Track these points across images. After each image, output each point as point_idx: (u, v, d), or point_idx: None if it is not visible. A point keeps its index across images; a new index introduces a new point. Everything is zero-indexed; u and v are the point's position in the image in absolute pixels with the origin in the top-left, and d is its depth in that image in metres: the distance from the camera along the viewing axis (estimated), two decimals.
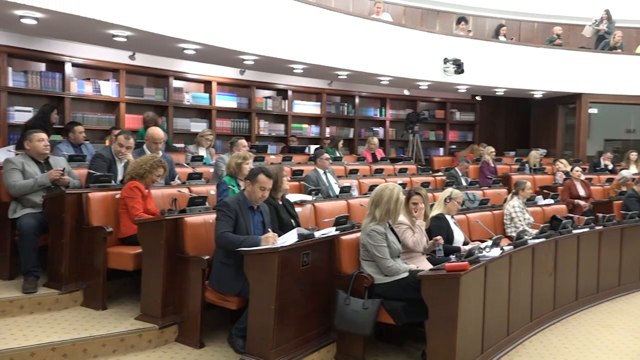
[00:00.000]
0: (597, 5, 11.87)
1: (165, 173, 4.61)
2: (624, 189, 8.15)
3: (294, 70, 8.60)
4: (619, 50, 11.06)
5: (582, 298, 5.38)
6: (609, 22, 11.31)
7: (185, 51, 7.13)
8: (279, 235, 3.75)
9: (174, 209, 4.47)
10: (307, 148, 9.42)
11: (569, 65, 10.50)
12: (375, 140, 9.54)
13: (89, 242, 4.24)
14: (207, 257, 3.78)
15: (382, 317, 3.74)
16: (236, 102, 9.39)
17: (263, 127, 9.70)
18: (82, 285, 4.26)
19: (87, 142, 6.56)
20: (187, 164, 6.38)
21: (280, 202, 4.50)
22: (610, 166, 10.09)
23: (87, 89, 7.70)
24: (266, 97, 9.77)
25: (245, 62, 7.89)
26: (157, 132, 5.46)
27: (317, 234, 3.95)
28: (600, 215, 6.12)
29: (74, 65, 7.57)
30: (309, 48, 7.79)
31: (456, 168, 8.43)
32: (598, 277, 5.62)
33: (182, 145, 8.33)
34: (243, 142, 6.49)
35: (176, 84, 8.69)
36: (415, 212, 4.46)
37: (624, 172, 8.66)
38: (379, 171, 7.82)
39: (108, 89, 7.89)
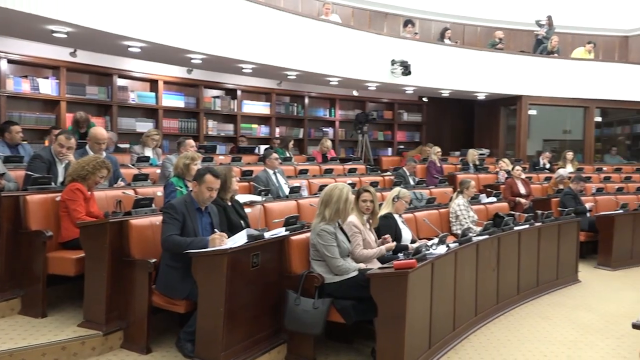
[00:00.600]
0: (536, 11, 12.43)
1: (109, 174, 4.47)
2: (561, 186, 8.56)
3: (243, 70, 8.53)
4: (556, 55, 11.60)
5: (523, 292, 5.60)
6: (549, 27, 11.84)
7: (130, 49, 6.94)
8: (228, 237, 3.71)
9: (119, 211, 4.34)
10: (257, 148, 9.36)
11: (510, 69, 10.92)
12: (329, 143, 9.59)
13: (27, 247, 4.05)
14: (153, 260, 3.69)
15: (332, 316, 3.77)
16: (184, 102, 9.22)
17: (212, 127, 9.57)
18: (19, 292, 4.07)
19: (25, 142, 6.26)
20: (133, 165, 6.21)
21: (229, 203, 4.45)
22: (549, 165, 10.57)
23: (25, 87, 7.37)
24: (215, 97, 9.64)
25: (192, 61, 7.76)
26: (100, 131, 5.29)
27: (267, 235, 3.93)
28: (539, 212, 6.39)
29: (10, 62, 7.24)
30: (258, 48, 7.74)
31: (404, 168, 8.59)
32: (538, 271, 5.87)
33: (127, 145, 8.09)
34: (191, 142, 6.38)
35: (120, 82, 8.43)
36: (367, 210, 4.51)
37: (561, 171, 9.11)
38: (328, 171, 7.86)
39: (47, 87, 7.57)
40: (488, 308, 4.98)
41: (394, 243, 4.51)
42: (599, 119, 12.46)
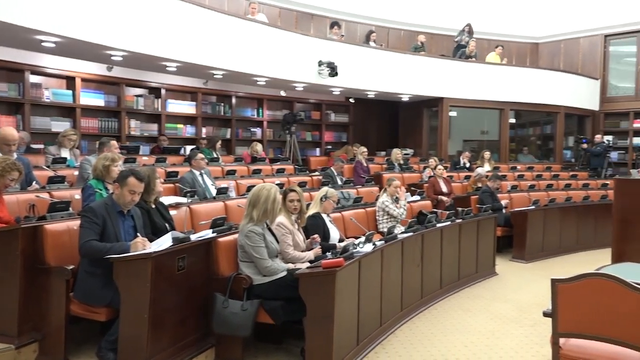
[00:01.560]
0: (455, 18, 13.00)
1: (20, 177, 4.19)
2: (479, 185, 9.00)
3: (167, 68, 8.29)
4: (474, 59, 12.19)
5: (445, 286, 5.83)
6: (469, 35, 12.42)
7: (43, 44, 6.54)
8: (153, 240, 3.59)
9: (32, 216, 4.09)
10: (182, 149, 9.14)
11: (432, 72, 11.34)
12: (259, 147, 9.51)
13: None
14: (71, 267, 3.51)
15: (261, 317, 3.75)
16: (103, 100, 8.82)
17: (134, 127, 9.22)
18: None
19: None
20: (48, 167, 5.86)
21: (153, 206, 4.31)
22: (468, 164, 11.08)
23: None
24: (137, 96, 9.30)
25: (113, 57, 7.43)
26: (10, 131, 4.95)
27: (193, 237, 3.84)
28: (460, 209, 6.68)
29: None
30: (182, 46, 7.55)
31: (332, 168, 8.70)
32: (459, 265, 6.14)
33: (41, 146, 7.63)
34: (114, 143, 6.11)
35: (33, 79, 7.94)
36: (294, 209, 4.52)
37: (479, 170, 9.58)
38: (256, 172, 7.81)
39: None
40: (413, 303, 5.14)
41: (320, 249, 4.55)
42: (513, 120, 13.21)
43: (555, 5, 14.11)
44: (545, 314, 3.02)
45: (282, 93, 10.87)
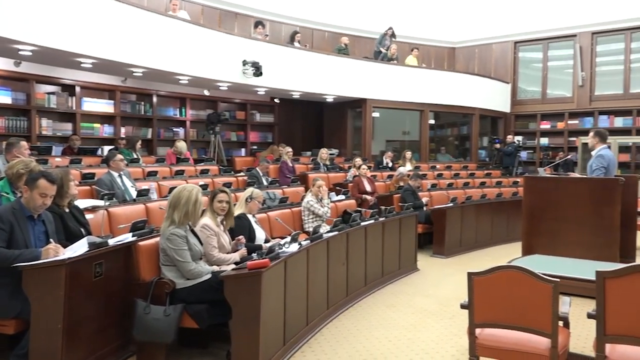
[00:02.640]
0: (377, 21, 13.33)
1: None
2: (401, 183, 9.29)
3: (82, 65, 7.87)
4: (395, 62, 12.56)
5: (370, 283, 5.96)
6: (391, 38, 12.78)
7: None
8: (67, 246, 3.40)
9: None
10: (100, 149, 8.72)
11: (355, 73, 11.56)
12: (182, 144, 9.20)
13: None
14: None
15: (185, 322, 3.66)
16: (11, 98, 8.24)
17: (46, 126, 8.68)
18: None
19: None
20: None
21: (67, 210, 4.08)
22: (391, 164, 11.41)
23: None
24: (49, 93, 8.76)
25: (21, 52, 6.96)
26: None
27: (112, 242, 3.69)
28: (383, 207, 6.86)
29: None
30: (98, 41, 7.20)
31: (257, 168, 8.65)
32: (382, 262, 6.30)
33: None
34: (25, 144, 5.67)
35: None
36: (222, 210, 4.45)
37: (401, 169, 9.90)
38: (179, 173, 7.61)
39: None
40: (339, 300, 5.21)
41: (246, 250, 4.51)
42: (432, 121, 13.76)
43: (470, 12, 14.85)
44: (463, 306, 3.17)
45: (206, 92, 10.66)
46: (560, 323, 3.05)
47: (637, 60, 12.83)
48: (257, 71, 9.38)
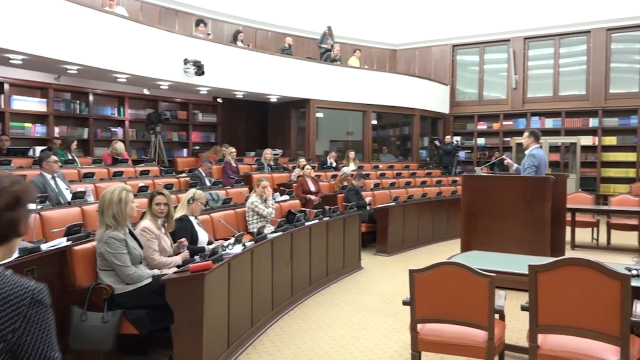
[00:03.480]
0: (320, 22, 13.40)
1: None
2: (345, 183, 9.39)
3: (11, 61, 7.46)
4: (338, 63, 12.68)
5: (314, 282, 5.99)
6: (330, 37, 12.89)
7: None
8: None
9: None
10: (32, 150, 8.30)
11: (299, 73, 11.59)
12: (120, 145, 8.84)
13: None
14: None
15: (124, 328, 3.55)
16: None
17: None
18: None
19: None
20: None
21: None
22: (335, 164, 11.51)
23: None
24: None
25: None
26: None
27: (44, 247, 3.52)
28: (327, 207, 6.91)
29: None
30: (28, 37, 6.85)
31: (200, 169, 8.50)
32: (327, 262, 6.35)
33: None
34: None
35: None
36: (161, 213, 4.33)
37: (345, 169, 10.00)
38: (118, 174, 7.37)
39: None
40: (284, 301, 5.21)
41: (188, 253, 4.42)
42: (375, 122, 14.00)
43: (410, 15, 15.22)
44: (405, 303, 3.25)
45: (146, 91, 10.36)
46: (497, 316, 3.18)
47: (565, 64, 13.57)
48: (199, 70, 9.22)
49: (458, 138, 14.37)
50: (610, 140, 12.76)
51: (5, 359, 1.21)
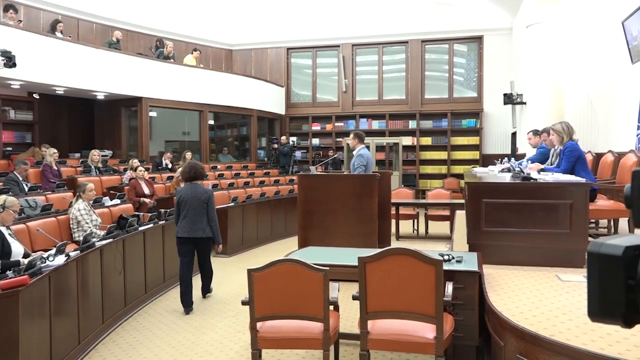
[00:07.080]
0: (154, 18, 12.79)
1: None
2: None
3: None
4: (172, 60, 12.23)
5: (150, 289, 5.72)
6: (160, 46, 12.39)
7: None
8: None
9: None
10: None
11: (129, 70, 10.92)
12: None
13: None
14: None
15: None
16: None
17: None
18: None
19: None
20: None
21: None
22: (171, 165, 11.08)
23: None
24: None
25: None
26: None
27: None
28: (163, 210, 6.63)
29: None
30: None
31: (15, 172, 7.55)
32: (164, 267, 6.10)
33: None
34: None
35: None
36: None
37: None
38: None
39: None
40: (117, 312, 4.88)
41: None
42: (212, 122, 13.78)
43: (246, 15, 15.29)
44: (244, 303, 3.25)
45: None
46: (331, 307, 3.35)
47: (388, 71, 14.80)
48: (10, 61, 8.16)
49: (294, 138, 14.82)
50: (427, 141, 14.25)
51: None
